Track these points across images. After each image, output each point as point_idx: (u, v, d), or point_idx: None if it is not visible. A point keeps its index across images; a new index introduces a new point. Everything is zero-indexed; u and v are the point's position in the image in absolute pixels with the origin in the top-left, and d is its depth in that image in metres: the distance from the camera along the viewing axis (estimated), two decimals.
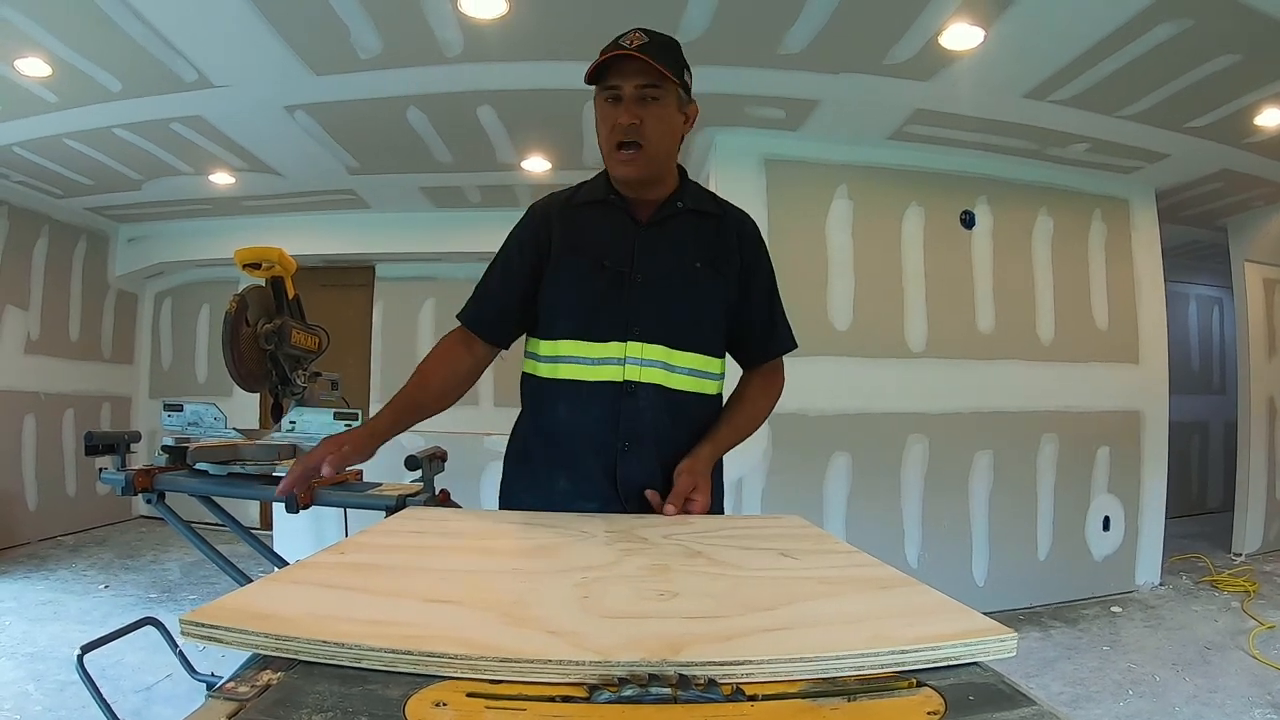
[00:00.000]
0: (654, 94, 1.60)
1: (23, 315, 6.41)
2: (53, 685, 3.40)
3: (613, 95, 1.61)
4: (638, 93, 1.59)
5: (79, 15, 3.49)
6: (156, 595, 4.96)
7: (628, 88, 1.59)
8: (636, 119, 1.59)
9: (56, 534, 6.59)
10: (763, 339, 1.82)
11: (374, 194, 6.29)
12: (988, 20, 3.52)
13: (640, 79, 1.58)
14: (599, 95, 1.64)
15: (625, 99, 1.59)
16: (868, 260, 5.02)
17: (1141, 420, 5.50)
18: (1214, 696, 3.51)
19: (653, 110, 1.61)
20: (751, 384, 1.84)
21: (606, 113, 1.63)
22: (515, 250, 1.75)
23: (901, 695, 0.67)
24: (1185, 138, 4.77)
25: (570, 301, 1.67)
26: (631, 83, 1.59)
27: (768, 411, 1.83)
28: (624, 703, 0.63)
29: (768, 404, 1.83)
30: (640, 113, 1.59)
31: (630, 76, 1.58)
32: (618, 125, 1.60)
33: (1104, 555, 5.33)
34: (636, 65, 1.57)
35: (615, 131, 1.60)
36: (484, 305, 1.76)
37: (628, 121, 1.59)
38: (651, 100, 1.60)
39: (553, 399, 1.67)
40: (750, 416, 1.79)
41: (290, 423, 2.90)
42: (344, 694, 0.63)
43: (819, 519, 4.78)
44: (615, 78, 1.59)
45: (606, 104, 1.63)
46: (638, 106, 1.59)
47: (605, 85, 1.62)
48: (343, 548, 1.10)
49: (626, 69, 1.58)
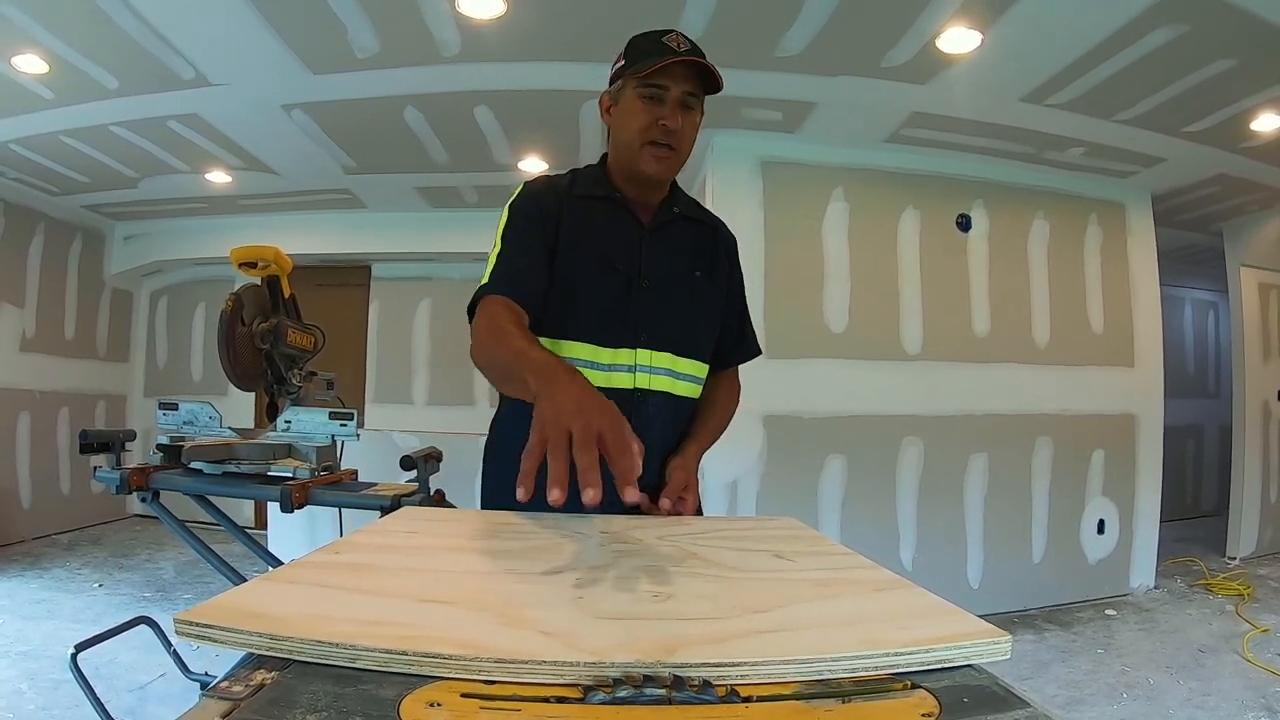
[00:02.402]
0: (693, 103, 1.59)
1: (18, 313, 6.40)
2: (46, 684, 3.40)
3: (655, 94, 1.57)
4: (683, 97, 1.57)
5: (76, 12, 3.49)
6: (151, 594, 4.95)
7: (676, 91, 1.56)
8: (680, 124, 1.58)
9: (51, 532, 6.58)
10: (733, 346, 1.85)
11: (370, 193, 6.29)
12: (985, 24, 3.53)
13: (690, 85, 1.57)
14: (635, 90, 1.59)
15: (670, 101, 1.57)
16: (864, 263, 5.03)
17: (1136, 424, 5.51)
18: (1208, 700, 3.52)
19: (690, 118, 1.60)
20: (719, 387, 1.84)
21: (644, 108, 1.58)
22: (531, 223, 1.62)
23: (896, 697, 0.67)
24: (1181, 142, 4.78)
25: (580, 302, 1.62)
26: (681, 88, 1.56)
27: (732, 415, 1.86)
28: (618, 704, 0.63)
29: (733, 410, 1.87)
30: (681, 118, 1.58)
31: (681, 81, 1.56)
32: (662, 125, 1.57)
33: (1098, 558, 5.35)
34: (691, 71, 1.56)
35: (654, 130, 1.57)
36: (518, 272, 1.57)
37: (675, 125, 1.57)
38: (690, 108, 1.59)
39: None
40: (721, 419, 1.80)
41: (285, 422, 2.89)
42: (338, 694, 0.63)
43: (814, 521, 4.78)
44: (663, 77, 1.56)
45: (644, 100, 1.58)
46: (680, 111, 1.58)
47: (650, 82, 1.57)
48: (337, 547, 1.10)
49: (680, 73, 1.56)
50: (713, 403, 1.80)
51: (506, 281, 1.54)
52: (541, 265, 1.58)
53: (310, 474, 2.75)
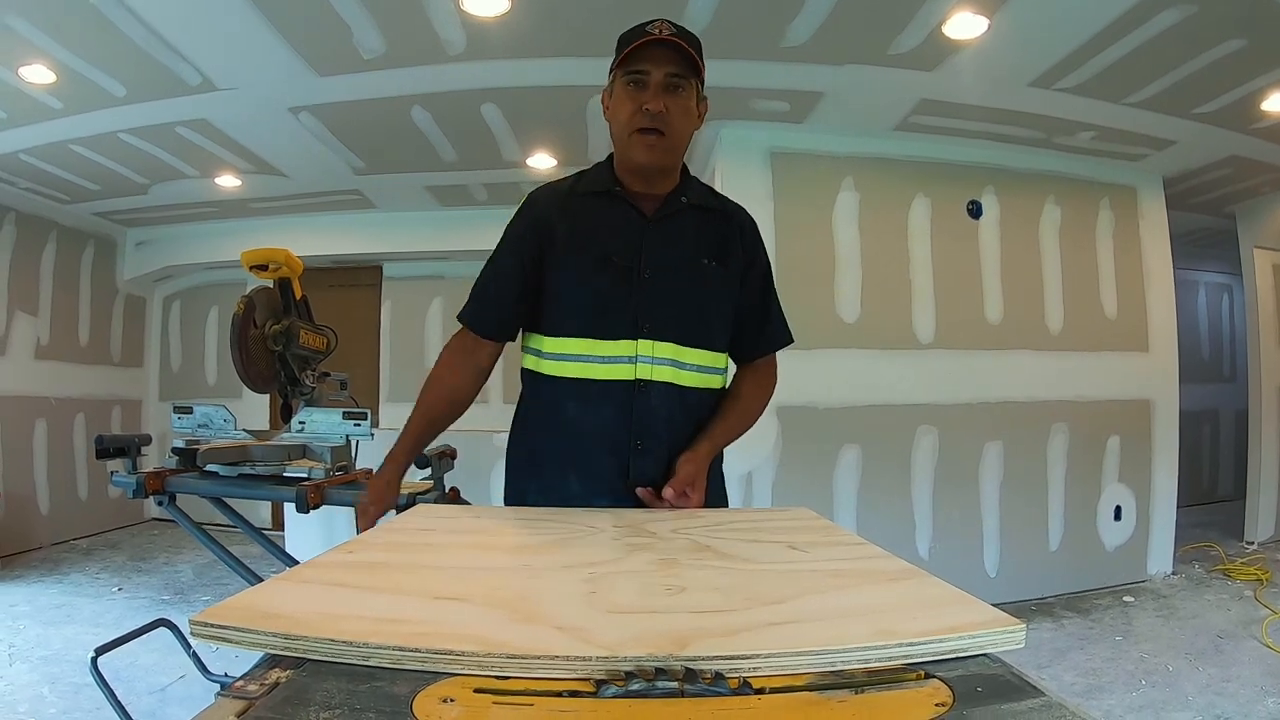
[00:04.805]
0: (680, 84, 1.59)
1: (32, 321, 6.44)
2: (67, 688, 3.42)
3: (638, 80, 1.58)
4: (666, 80, 1.57)
5: (82, 21, 3.50)
6: (169, 597, 4.99)
7: (657, 74, 1.57)
8: (663, 105, 1.57)
9: (69, 538, 6.62)
10: (755, 333, 1.80)
11: (380, 194, 6.30)
12: (992, 8, 3.50)
13: (671, 66, 1.57)
14: (621, 78, 1.61)
15: (652, 85, 1.57)
16: (875, 252, 5.01)
17: (1152, 409, 5.47)
18: (1227, 686, 3.50)
19: (677, 100, 1.59)
20: (745, 381, 1.81)
21: (630, 96, 1.59)
22: (514, 244, 1.71)
23: (909, 688, 0.67)
24: (1192, 124, 4.74)
25: (578, 298, 1.64)
26: (662, 69, 1.57)
27: (761, 410, 1.81)
28: (631, 697, 0.63)
29: (760, 403, 1.81)
30: (666, 100, 1.58)
31: (661, 63, 1.57)
32: (645, 110, 1.57)
33: (1116, 545, 5.32)
34: (668, 52, 1.56)
35: (640, 116, 1.58)
36: (486, 304, 1.72)
37: (657, 108, 1.57)
38: (677, 90, 1.59)
39: (561, 397, 1.64)
40: (743, 414, 1.76)
41: (300, 423, 2.91)
42: (352, 691, 0.63)
43: (829, 512, 4.78)
44: (644, 62, 1.57)
45: (629, 88, 1.59)
46: (664, 94, 1.58)
47: (632, 69, 1.58)
48: (351, 546, 1.11)
49: (657, 55, 1.56)
50: (736, 395, 1.77)
51: (473, 313, 1.73)
52: (513, 290, 1.69)
53: (325, 474, 2.76)
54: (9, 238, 6.21)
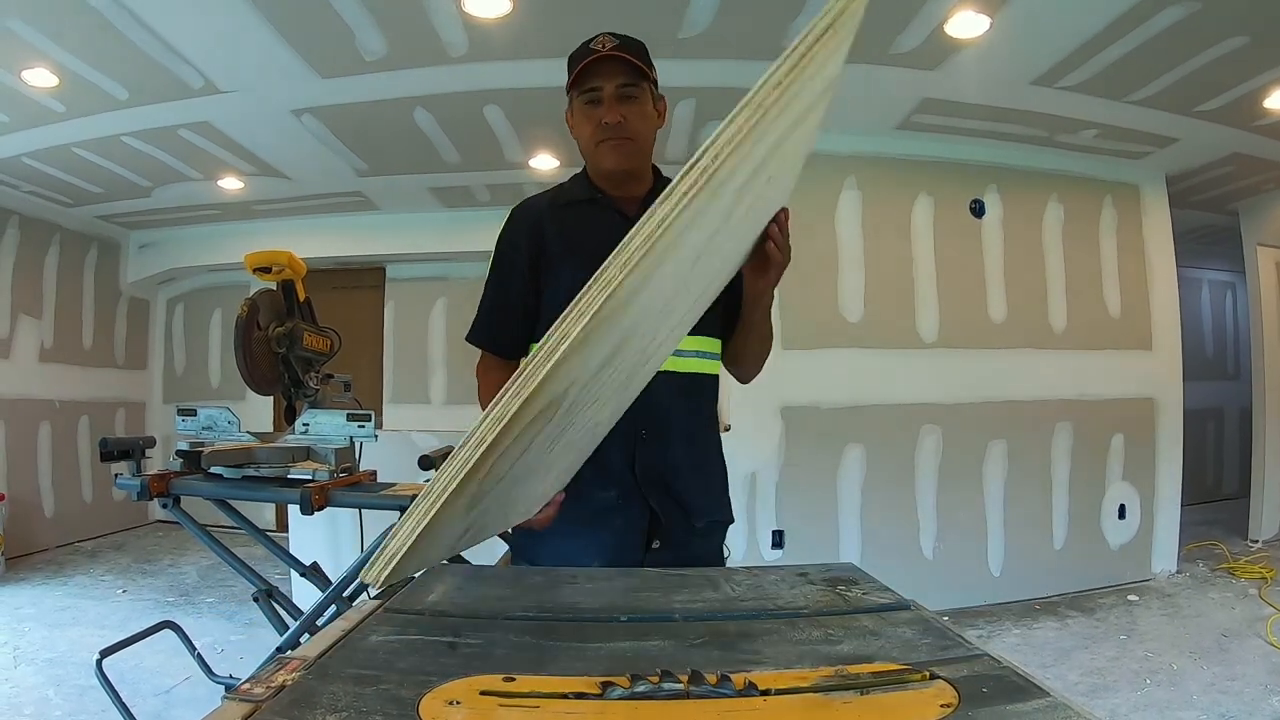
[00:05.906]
0: (633, 92, 1.63)
1: (36, 324, 6.46)
2: (73, 690, 3.43)
3: (593, 97, 1.63)
4: (618, 91, 1.62)
5: (84, 25, 3.51)
6: (174, 599, 4.99)
7: (609, 87, 1.61)
8: (620, 116, 1.61)
9: (74, 540, 6.64)
10: None
11: (383, 195, 6.31)
12: (993, 7, 3.50)
13: (621, 78, 1.61)
14: (578, 100, 1.66)
15: (606, 99, 1.62)
16: (878, 251, 5.01)
17: (1156, 407, 5.46)
18: (1232, 685, 3.49)
19: (633, 107, 1.63)
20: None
21: (588, 114, 1.64)
22: (510, 259, 1.74)
23: (914, 688, 0.67)
24: (1195, 122, 4.73)
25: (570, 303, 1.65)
26: (613, 82, 1.61)
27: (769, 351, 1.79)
28: (637, 699, 0.63)
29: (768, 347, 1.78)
30: (622, 110, 1.62)
31: (610, 77, 1.61)
32: (604, 124, 1.62)
33: (1120, 544, 5.31)
34: (614, 65, 1.60)
35: (600, 130, 1.62)
36: (498, 328, 1.76)
37: (615, 119, 1.61)
38: (630, 98, 1.63)
39: None
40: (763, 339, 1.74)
41: (304, 425, 2.91)
42: (358, 693, 0.63)
43: (833, 511, 4.79)
44: (595, 79, 1.61)
45: (586, 106, 1.64)
46: (619, 104, 1.62)
47: (584, 89, 1.63)
48: None
49: (605, 70, 1.61)
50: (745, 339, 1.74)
51: (485, 333, 1.77)
52: (517, 303, 1.71)
53: (329, 476, 2.76)
54: (12, 241, 6.23)
